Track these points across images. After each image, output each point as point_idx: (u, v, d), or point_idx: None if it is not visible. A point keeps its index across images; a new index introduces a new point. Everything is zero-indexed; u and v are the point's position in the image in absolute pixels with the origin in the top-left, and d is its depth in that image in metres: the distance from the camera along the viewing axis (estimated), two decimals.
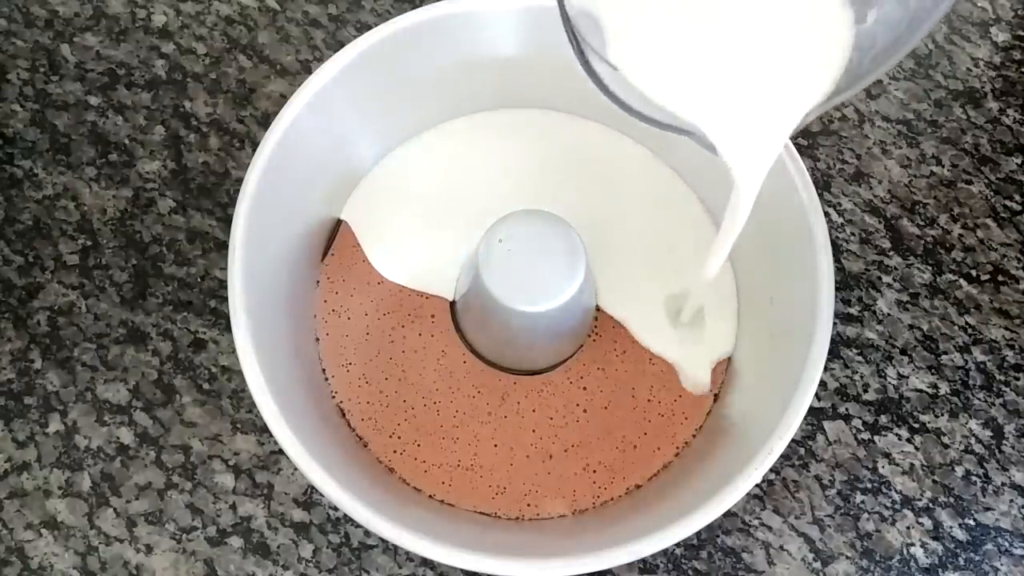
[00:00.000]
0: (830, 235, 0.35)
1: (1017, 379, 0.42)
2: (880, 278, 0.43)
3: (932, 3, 0.26)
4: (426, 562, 0.38)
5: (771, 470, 0.33)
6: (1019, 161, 0.46)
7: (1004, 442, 0.41)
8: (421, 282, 0.40)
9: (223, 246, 0.42)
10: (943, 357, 0.42)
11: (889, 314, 0.43)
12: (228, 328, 0.33)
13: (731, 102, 0.29)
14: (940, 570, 0.39)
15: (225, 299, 0.34)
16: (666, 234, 0.41)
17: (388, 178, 0.42)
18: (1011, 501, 0.40)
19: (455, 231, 0.40)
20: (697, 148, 0.41)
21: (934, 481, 0.40)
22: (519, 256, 0.35)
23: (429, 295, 0.40)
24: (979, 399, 0.42)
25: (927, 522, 0.40)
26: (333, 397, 0.38)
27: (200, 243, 0.43)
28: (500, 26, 0.38)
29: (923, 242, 0.44)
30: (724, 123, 0.29)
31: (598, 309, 0.40)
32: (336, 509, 0.38)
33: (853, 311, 0.43)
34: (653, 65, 0.29)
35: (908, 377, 0.42)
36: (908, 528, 0.40)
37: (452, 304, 0.40)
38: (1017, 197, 0.45)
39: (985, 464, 0.41)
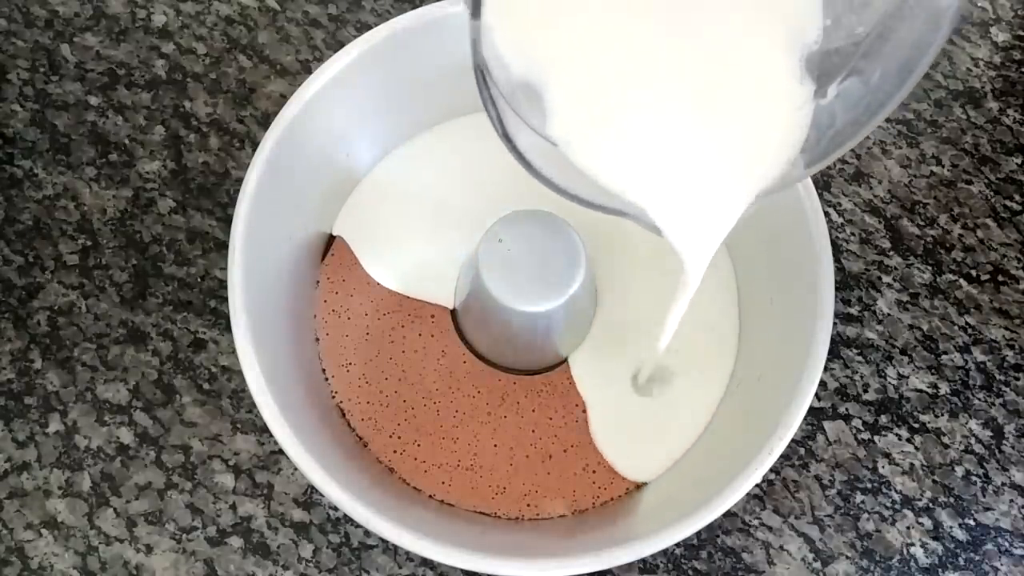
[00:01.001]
0: (830, 235, 0.35)
1: (1017, 379, 0.42)
2: (880, 278, 0.43)
3: (896, 81, 0.25)
4: (426, 562, 0.38)
5: (771, 470, 0.33)
6: (1019, 161, 0.46)
7: (1004, 442, 0.41)
8: (421, 291, 0.40)
9: (223, 246, 0.42)
10: (943, 357, 0.42)
11: (889, 314, 0.43)
12: (228, 328, 0.33)
13: (680, 182, 0.28)
14: (940, 570, 0.39)
15: (225, 299, 0.34)
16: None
17: (387, 179, 0.42)
18: (1011, 501, 0.40)
19: (454, 233, 0.40)
20: None
21: (934, 481, 0.40)
22: (519, 256, 0.35)
23: (429, 304, 0.40)
24: (979, 399, 0.42)
25: (927, 522, 0.40)
26: (333, 397, 0.38)
27: (200, 243, 0.43)
28: None
29: (923, 242, 0.44)
30: (672, 205, 0.28)
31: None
32: (336, 509, 0.38)
33: (853, 311, 0.43)
34: (600, 142, 0.27)
35: (908, 377, 0.42)
36: (908, 528, 0.40)
37: (453, 311, 0.40)
38: (1017, 197, 0.45)
39: (985, 464, 0.41)
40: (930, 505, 0.40)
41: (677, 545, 0.39)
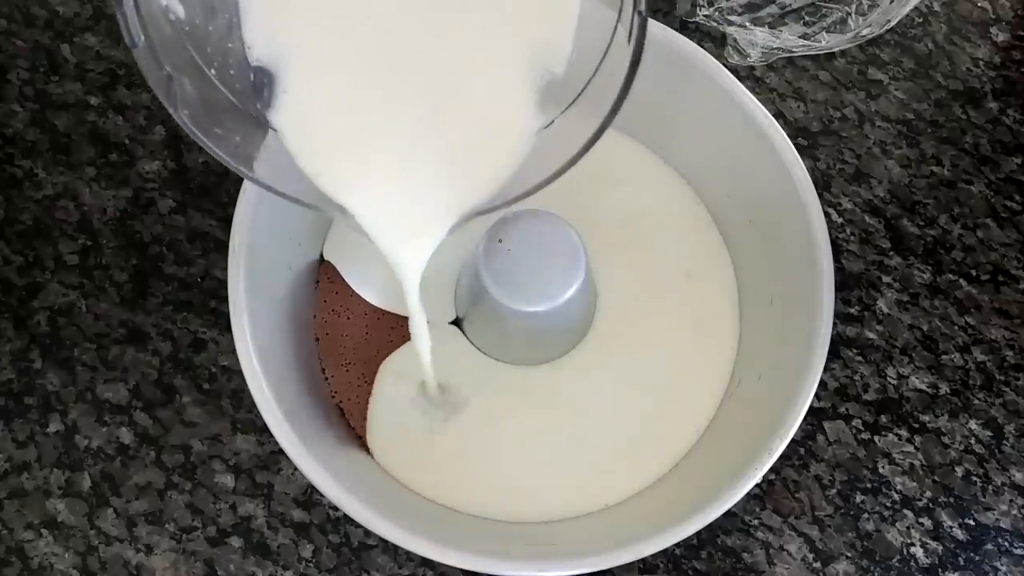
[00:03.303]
0: (830, 235, 0.35)
1: (1017, 379, 0.42)
2: (880, 278, 0.43)
3: (595, 127, 0.26)
4: (426, 562, 0.38)
5: (771, 470, 0.33)
6: (1019, 161, 0.46)
7: (1004, 442, 0.41)
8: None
9: (223, 246, 0.42)
10: (943, 357, 0.42)
11: (889, 314, 0.43)
12: (228, 328, 0.33)
13: (391, 192, 0.28)
14: (940, 570, 0.39)
15: (225, 299, 0.34)
16: (665, 233, 0.41)
17: None
18: (1011, 501, 0.40)
19: (455, 232, 0.40)
20: (696, 148, 0.41)
21: (934, 481, 0.40)
22: (519, 256, 0.35)
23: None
24: (979, 399, 0.42)
25: (927, 522, 0.40)
26: (333, 397, 0.38)
27: (200, 243, 0.42)
28: None
29: (923, 242, 0.44)
30: (379, 213, 0.28)
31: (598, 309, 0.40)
32: (336, 509, 0.38)
33: (853, 311, 0.43)
34: (322, 140, 0.28)
35: (908, 377, 0.42)
36: (908, 528, 0.40)
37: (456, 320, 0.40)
38: (1017, 197, 0.45)
39: (985, 464, 0.41)
40: (930, 505, 0.40)
41: (677, 545, 0.39)
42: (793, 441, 0.33)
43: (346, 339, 0.39)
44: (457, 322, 0.39)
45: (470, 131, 0.28)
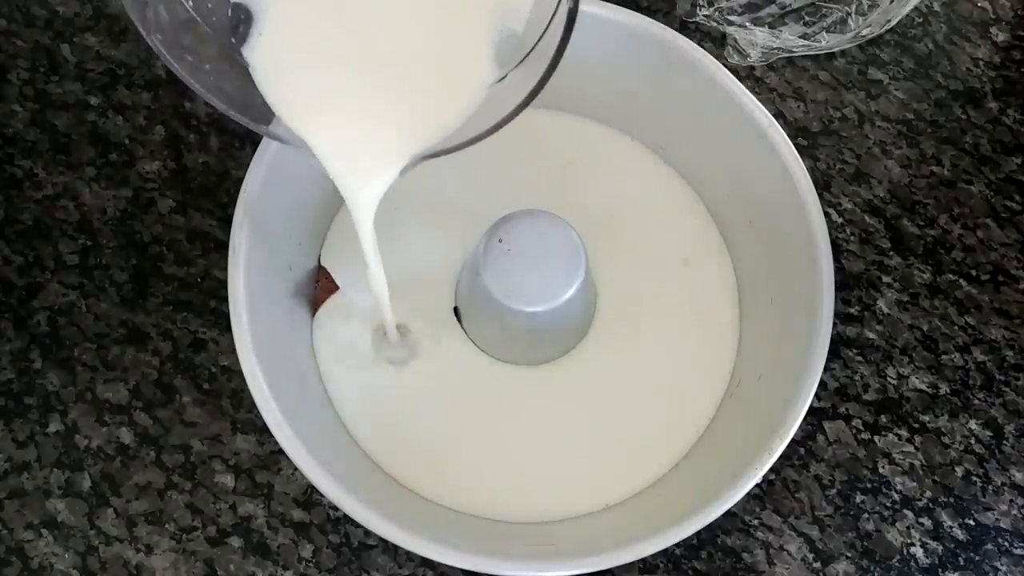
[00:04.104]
0: (830, 235, 0.35)
1: (1017, 379, 0.42)
2: (880, 278, 0.43)
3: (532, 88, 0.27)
4: (426, 562, 0.38)
5: (771, 470, 0.33)
6: (1019, 161, 0.46)
7: (1004, 442, 0.41)
8: (412, 316, 0.39)
9: (223, 246, 0.42)
10: (943, 357, 0.42)
11: (889, 314, 0.43)
12: (228, 328, 0.33)
13: (348, 130, 0.30)
14: (940, 570, 0.39)
15: (225, 299, 0.34)
16: (666, 233, 0.41)
17: None
18: (1011, 501, 0.40)
19: (454, 233, 0.40)
20: (696, 147, 0.41)
21: (934, 481, 0.40)
22: (519, 256, 0.35)
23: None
24: (979, 399, 0.42)
25: (927, 522, 0.40)
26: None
27: (200, 243, 0.42)
28: None
29: (923, 242, 0.44)
30: (336, 149, 0.29)
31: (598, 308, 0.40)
32: (336, 509, 0.38)
33: (853, 311, 0.43)
34: (290, 76, 0.29)
35: (908, 377, 0.42)
36: (908, 528, 0.40)
37: (455, 308, 0.40)
38: (1017, 197, 0.45)
39: (985, 464, 0.41)
40: (930, 505, 0.40)
41: (677, 545, 0.39)
42: (793, 441, 0.33)
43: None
44: (458, 316, 0.39)
45: (429, 79, 0.30)
